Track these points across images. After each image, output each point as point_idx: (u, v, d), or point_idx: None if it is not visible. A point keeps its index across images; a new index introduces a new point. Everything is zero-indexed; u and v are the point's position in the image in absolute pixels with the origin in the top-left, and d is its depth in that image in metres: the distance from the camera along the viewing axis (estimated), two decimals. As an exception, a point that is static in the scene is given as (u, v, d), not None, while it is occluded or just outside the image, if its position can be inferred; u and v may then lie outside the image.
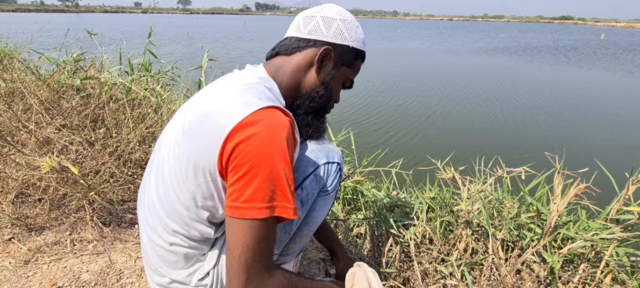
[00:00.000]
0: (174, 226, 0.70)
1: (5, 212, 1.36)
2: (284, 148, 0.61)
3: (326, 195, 0.86)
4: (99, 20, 37.47)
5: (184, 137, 0.67)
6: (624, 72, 11.74)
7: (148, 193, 0.75)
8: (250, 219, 0.59)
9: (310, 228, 0.89)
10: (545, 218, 1.12)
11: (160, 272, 0.75)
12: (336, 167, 0.86)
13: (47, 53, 2.32)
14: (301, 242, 0.91)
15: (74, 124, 1.70)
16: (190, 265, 0.74)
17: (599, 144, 4.87)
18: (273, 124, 0.61)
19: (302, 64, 0.78)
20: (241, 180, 0.59)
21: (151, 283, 0.80)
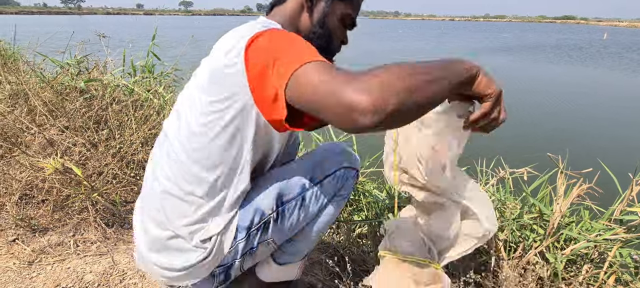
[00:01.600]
0: (195, 169, 0.70)
1: (9, 213, 1.37)
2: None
3: (340, 199, 0.86)
4: (102, 22, 37.71)
5: (203, 73, 0.70)
6: (628, 72, 11.68)
7: (167, 147, 0.75)
8: (307, 62, 0.56)
9: (319, 230, 0.88)
10: (548, 219, 1.12)
11: (164, 224, 0.73)
12: (354, 174, 0.86)
13: (51, 55, 2.34)
14: (308, 244, 0.90)
15: (77, 126, 1.71)
16: (198, 218, 0.72)
17: (602, 144, 4.85)
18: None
19: (295, 9, 0.78)
20: (280, 59, 0.59)
21: (142, 244, 0.77)
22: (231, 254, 0.76)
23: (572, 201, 1.06)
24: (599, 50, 19.08)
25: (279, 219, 0.79)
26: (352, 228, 1.52)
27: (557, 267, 1.03)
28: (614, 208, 1.12)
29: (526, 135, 5.19)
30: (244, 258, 0.78)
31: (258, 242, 0.78)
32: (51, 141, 1.62)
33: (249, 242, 0.77)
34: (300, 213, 0.81)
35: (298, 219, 0.82)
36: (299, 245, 0.89)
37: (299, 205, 0.80)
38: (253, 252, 0.79)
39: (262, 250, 0.81)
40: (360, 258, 1.29)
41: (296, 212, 0.80)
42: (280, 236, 0.82)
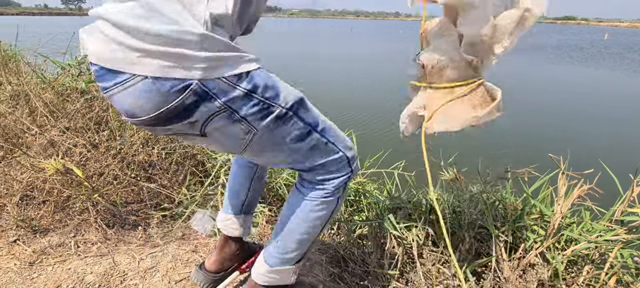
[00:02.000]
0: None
1: (10, 214, 1.37)
2: None
3: (328, 196, 0.84)
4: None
5: None
6: (629, 72, 11.66)
7: None
8: None
9: (311, 233, 0.86)
10: (549, 219, 1.12)
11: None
12: (348, 172, 0.84)
13: (52, 56, 2.34)
14: (301, 246, 0.87)
15: (78, 126, 1.72)
16: None
17: (603, 145, 4.84)
18: None
19: None
20: None
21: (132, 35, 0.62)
22: (222, 85, 0.65)
23: (573, 202, 1.06)
24: (600, 50, 19.05)
25: (280, 120, 0.72)
26: (353, 229, 1.52)
27: (557, 267, 1.02)
28: (614, 209, 1.11)
29: (527, 136, 5.18)
30: (222, 109, 0.67)
31: (247, 111, 0.69)
32: (52, 142, 1.62)
33: (242, 99, 0.68)
34: (296, 142, 0.76)
35: (287, 146, 0.76)
36: (288, 246, 0.87)
37: (302, 133, 0.76)
38: (233, 113, 0.68)
39: (238, 128, 0.70)
40: (360, 259, 1.29)
41: (294, 132, 0.74)
42: (263, 141, 0.73)
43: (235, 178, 1.04)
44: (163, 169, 1.68)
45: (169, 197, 1.61)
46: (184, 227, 1.47)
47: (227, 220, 1.05)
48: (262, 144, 0.75)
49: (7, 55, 2.80)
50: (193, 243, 1.36)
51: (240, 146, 0.74)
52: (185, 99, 0.64)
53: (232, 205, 1.04)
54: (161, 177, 1.66)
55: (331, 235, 1.59)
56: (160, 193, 1.60)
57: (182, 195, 1.60)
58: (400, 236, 1.24)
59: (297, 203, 0.86)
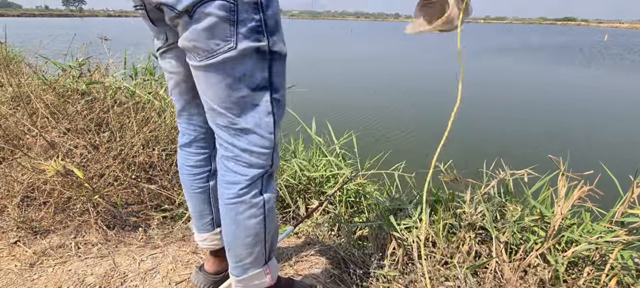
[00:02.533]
0: None
1: (11, 215, 1.37)
2: None
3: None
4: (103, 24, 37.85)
5: None
6: (629, 73, 11.66)
7: None
8: None
9: (256, 235, 0.82)
10: (549, 221, 1.12)
11: None
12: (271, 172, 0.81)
13: (53, 58, 2.35)
14: (253, 249, 0.83)
15: (79, 128, 1.72)
16: None
17: (603, 146, 4.84)
18: None
19: None
20: None
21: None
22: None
23: (573, 203, 1.06)
24: (601, 51, 19.06)
25: (256, 55, 0.71)
26: (353, 230, 1.52)
27: (558, 269, 1.02)
28: (615, 210, 1.11)
29: (527, 137, 5.18)
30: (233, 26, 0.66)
31: (244, 19, 0.67)
32: (53, 143, 1.62)
33: (250, 6, 0.67)
34: (249, 87, 0.72)
35: (239, 86, 0.72)
36: (239, 254, 0.84)
37: (261, 83, 0.73)
38: (234, 10, 0.66)
39: (225, 29, 0.67)
40: (361, 260, 1.29)
41: (257, 77, 0.72)
42: (227, 63, 0.70)
43: (194, 205, 1.00)
44: (164, 170, 1.68)
45: (169, 199, 1.61)
46: (185, 229, 1.47)
47: (205, 239, 1.04)
48: (224, 66, 0.70)
49: (8, 57, 2.81)
50: (193, 244, 1.36)
51: (208, 53, 0.69)
52: None
53: (203, 225, 1.02)
54: (162, 178, 1.66)
55: (331, 236, 1.59)
56: (161, 195, 1.60)
57: (182, 196, 1.61)
58: (401, 237, 1.24)
59: (223, 214, 0.83)
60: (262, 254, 0.87)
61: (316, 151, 2.09)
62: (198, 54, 0.70)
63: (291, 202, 1.76)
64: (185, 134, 0.95)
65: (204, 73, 0.72)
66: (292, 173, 1.83)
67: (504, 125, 5.72)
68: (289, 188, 1.81)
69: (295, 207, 1.78)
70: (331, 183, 1.88)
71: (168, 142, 1.77)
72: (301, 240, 1.52)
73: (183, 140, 0.96)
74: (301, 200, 1.80)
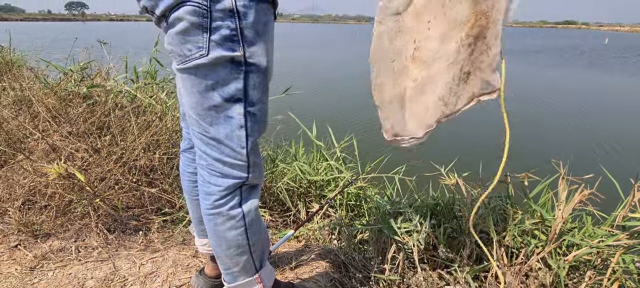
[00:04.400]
0: None
1: (12, 218, 1.37)
2: None
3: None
4: (105, 28, 38.07)
5: None
6: (629, 76, 11.66)
7: None
8: None
9: (239, 247, 0.80)
10: (550, 224, 1.11)
11: None
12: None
13: (55, 62, 2.36)
14: (239, 260, 0.82)
15: (80, 131, 1.73)
16: None
17: (604, 149, 4.83)
18: None
19: None
20: None
21: None
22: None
23: (574, 207, 1.06)
24: (601, 54, 19.07)
25: (230, 65, 0.68)
26: (354, 234, 1.52)
27: (559, 273, 1.02)
28: (616, 214, 1.11)
29: (527, 140, 5.17)
30: (200, 4, 0.64)
31: (216, 26, 0.66)
32: (54, 147, 1.63)
33: (224, 12, 0.65)
34: (222, 98, 0.70)
35: (212, 94, 0.70)
36: (226, 263, 0.83)
37: (233, 95, 0.70)
38: (207, 16, 0.65)
39: (197, 35, 0.66)
40: (361, 264, 1.28)
41: (230, 88, 0.70)
42: (199, 72, 0.69)
43: (194, 210, 1.00)
44: (164, 174, 1.69)
45: (170, 202, 1.61)
46: (185, 232, 1.47)
47: (204, 244, 1.04)
48: (196, 73, 0.68)
49: (10, 61, 2.82)
50: (193, 248, 1.36)
51: (183, 57, 0.69)
52: None
53: (202, 230, 1.01)
54: (162, 181, 1.67)
55: (332, 240, 1.59)
56: (162, 198, 1.61)
57: (182, 200, 1.61)
58: (402, 241, 1.24)
59: (204, 219, 0.81)
60: (251, 263, 0.84)
61: (317, 154, 2.09)
62: (175, 58, 0.71)
63: (292, 206, 1.76)
64: (187, 138, 0.95)
65: (181, 77, 0.72)
66: (293, 177, 1.84)
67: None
68: (289, 192, 1.81)
69: (296, 210, 1.78)
70: (332, 187, 1.88)
71: (169, 146, 1.77)
72: (302, 243, 1.52)
73: (185, 144, 0.96)
74: (302, 204, 1.80)
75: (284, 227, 1.71)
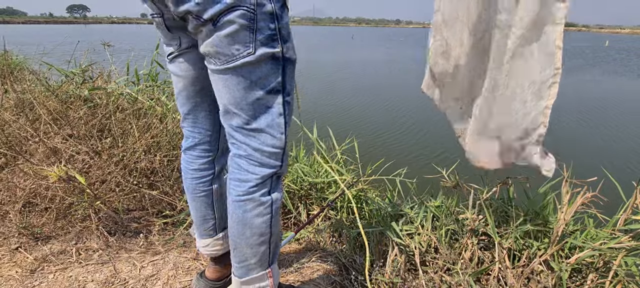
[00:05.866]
0: None
1: (12, 221, 1.37)
2: None
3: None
4: (106, 31, 38.23)
5: None
6: (631, 78, 11.66)
7: None
8: None
9: (262, 235, 0.85)
10: (552, 227, 1.11)
11: None
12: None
13: (57, 64, 2.37)
14: (258, 250, 0.87)
15: (81, 134, 1.73)
16: None
17: (606, 151, 4.82)
18: None
19: None
20: None
21: None
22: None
23: (577, 209, 1.05)
24: (602, 56, 19.08)
25: (271, 61, 0.75)
26: (355, 237, 1.51)
27: (562, 275, 1.02)
28: (618, 217, 1.11)
29: (529, 142, 5.16)
30: (249, 8, 0.70)
31: (262, 27, 0.72)
32: (55, 149, 1.63)
33: (267, 15, 0.72)
34: (265, 91, 0.77)
35: (256, 90, 0.77)
36: (245, 253, 0.86)
37: (275, 87, 0.78)
38: (254, 18, 0.71)
39: (245, 35, 0.72)
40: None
41: (271, 81, 0.77)
42: (246, 68, 0.74)
43: (197, 209, 1.01)
44: (165, 176, 1.69)
45: (170, 204, 1.61)
46: (186, 235, 1.46)
47: (207, 245, 1.04)
48: (242, 70, 0.75)
49: (12, 63, 2.83)
50: (194, 251, 1.35)
51: (229, 57, 0.74)
52: None
53: (205, 230, 1.03)
54: (163, 184, 1.66)
55: (333, 242, 1.58)
56: (162, 201, 1.60)
57: (183, 202, 1.61)
58: (403, 243, 1.24)
59: (230, 212, 0.85)
60: (266, 256, 0.89)
61: (318, 156, 2.09)
62: (219, 58, 0.75)
63: (292, 208, 1.76)
64: (190, 137, 0.96)
65: (223, 76, 0.77)
66: (294, 179, 1.83)
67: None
68: (290, 194, 1.80)
69: (297, 213, 1.77)
70: (333, 189, 1.88)
71: (170, 148, 1.77)
72: (302, 246, 1.51)
73: (187, 143, 0.97)
74: (302, 206, 1.79)
75: (284, 230, 1.71)
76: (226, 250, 1.07)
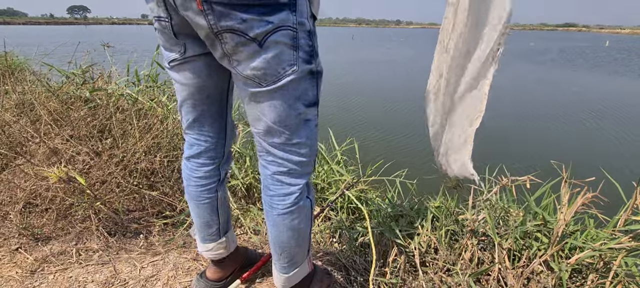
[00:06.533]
0: None
1: (13, 221, 1.38)
2: None
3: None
4: (107, 32, 38.27)
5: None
6: (630, 78, 11.65)
7: None
8: None
9: (305, 232, 0.91)
10: (552, 227, 1.11)
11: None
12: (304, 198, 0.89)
13: (57, 65, 2.37)
14: (303, 245, 0.94)
15: (82, 135, 1.73)
16: None
17: (605, 152, 4.81)
18: None
19: None
20: None
21: None
22: (303, 9, 0.72)
23: (577, 210, 1.05)
24: (602, 57, 19.07)
25: (310, 76, 0.78)
26: (355, 237, 1.51)
27: (562, 276, 1.01)
28: (618, 217, 1.11)
29: (528, 143, 5.17)
30: (292, 27, 0.72)
31: (303, 44, 0.74)
32: (56, 150, 1.63)
33: (306, 33, 0.74)
34: (304, 104, 0.79)
35: (296, 105, 0.79)
36: (292, 253, 0.92)
37: (312, 100, 0.80)
38: (296, 36, 0.72)
39: (290, 54, 0.73)
40: (362, 267, 1.28)
41: (310, 95, 0.79)
42: (289, 86, 0.76)
43: (201, 216, 1.01)
44: (165, 177, 1.69)
45: (170, 205, 1.61)
46: (186, 235, 1.46)
47: (210, 249, 1.04)
48: (287, 88, 0.76)
49: (13, 64, 2.84)
50: (194, 251, 1.36)
51: (276, 77, 0.74)
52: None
53: (208, 235, 1.03)
54: (163, 184, 1.67)
55: (333, 243, 1.58)
56: (162, 201, 1.61)
57: (183, 203, 1.61)
58: (403, 244, 1.24)
59: (277, 223, 0.88)
60: (307, 247, 0.97)
61: (318, 157, 2.09)
62: (266, 80, 0.74)
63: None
64: (195, 145, 0.95)
65: (270, 96, 0.76)
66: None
67: (505, 131, 5.71)
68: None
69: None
70: (333, 190, 1.88)
71: (170, 149, 1.78)
72: (302, 247, 1.51)
73: (192, 151, 0.96)
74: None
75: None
76: (229, 253, 1.08)
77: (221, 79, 0.87)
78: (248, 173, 1.81)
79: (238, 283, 1.11)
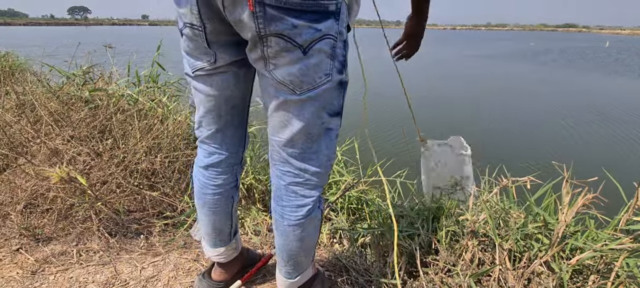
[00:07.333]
0: None
1: (14, 222, 1.38)
2: None
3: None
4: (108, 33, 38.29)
5: None
6: (631, 78, 11.64)
7: None
8: None
9: (312, 241, 0.92)
10: (553, 228, 1.11)
11: None
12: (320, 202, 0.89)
13: (58, 66, 2.37)
14: (310, 252, 0.96)
15: (82, 135, 1.73)
16: None
17: (607, 152, 4.81)
18: None
19: None
20: None
21: None
22: (344, 18, 0.73)
23: (577, 210, 1.05)
24: (602, 57, 19.06)
25: (339, 86, 0.77)
26: (355, 238, 1.51)
27: (563, 277, 1.01)
28: (619, 217, 1.10)
29: (528, 144, 5.16)
30: (334, 36, 0.71)
31: (339, 54, 0.74)
32: (56, 150, 1.63)
33: (342, 43, 0.74)
34: (329, 114, 0.79)
35: (322, 114, 0.78)
36: (299, 259, 0.93)
37: (336, 110, 0.80)
38: (335, 46, 0.72)
39: (328, 63, 0.72)
40: (363, 268, 1.28)
41: (335, 105, 0.79)
42: (321, 94, 0.74)
43: (214, 222, 1.00)
44: (166, 177, 1.69)
45: (171, 205, 1.62)
46: (186, 236, 1.46)
47: (221, 253, 1.05)
48: (319, 97, 0.74)
49: (14, 65, 2.84)
50: (195, 251, 1.36)
51: (312, 85, 0.72)
52: (332, 3, 0.68)
53: (220, 240, 1.03)
54: (164, 185, 1.67)
55: (333, 244, 1.58)
56: (163, 202, 1.61)
57: (184, 204, 1.61)
58: (403, 245, 1.23)
59: (286, 233, 0.88)
60: (313, 252, 0.99)
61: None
62: (301, 87, 0.72)
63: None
64: (215, 154, 0.93)
65: (300, 103, 0.74)
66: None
67: (505, 131, 5.71)
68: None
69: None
70: (333, 190, 1.88)
71: (170, 149, 1.78)
72: (303, 247, 1.51)
73: (211, 160, 0.94)
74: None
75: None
76: (237, 253, 1.09)
77: (246, 88, 0.87)
78: (248, 173, 1.81)
79: (239, 283, 1.11)
